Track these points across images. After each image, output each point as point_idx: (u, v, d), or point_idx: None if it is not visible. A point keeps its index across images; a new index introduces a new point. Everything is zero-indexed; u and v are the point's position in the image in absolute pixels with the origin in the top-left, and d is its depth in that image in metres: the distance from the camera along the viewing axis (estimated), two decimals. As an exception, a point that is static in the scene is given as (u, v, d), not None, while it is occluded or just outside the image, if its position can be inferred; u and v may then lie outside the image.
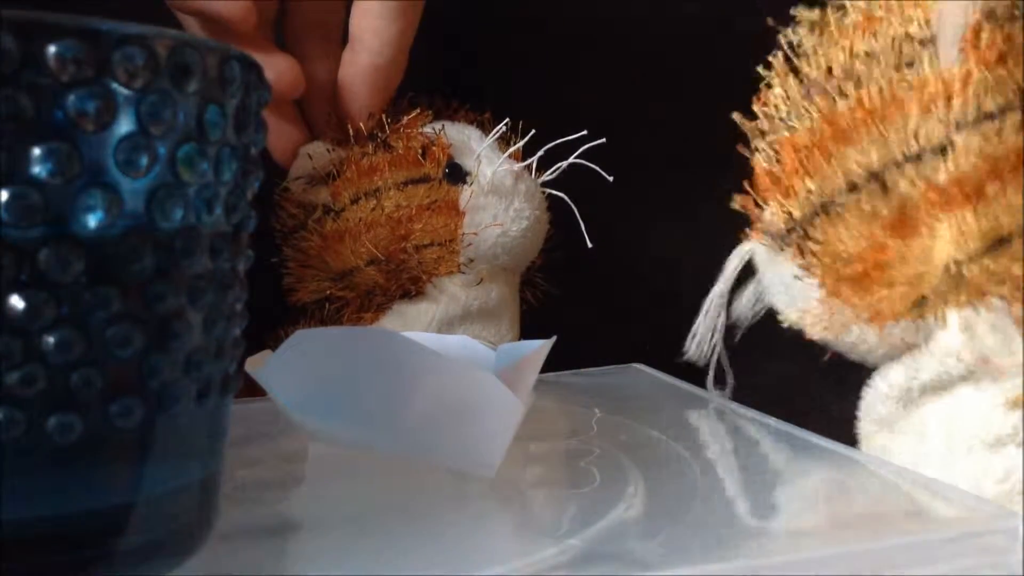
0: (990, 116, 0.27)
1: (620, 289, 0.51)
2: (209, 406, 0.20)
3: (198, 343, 0.20)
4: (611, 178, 0.40)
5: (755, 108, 0.32)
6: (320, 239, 0.41)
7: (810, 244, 0.30)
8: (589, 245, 0.40)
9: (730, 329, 0.34)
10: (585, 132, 0.40)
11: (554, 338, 0.29)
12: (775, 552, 0.23)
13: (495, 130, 0.42)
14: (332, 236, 0.41)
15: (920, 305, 0.29)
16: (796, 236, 0.30)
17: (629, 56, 0.51)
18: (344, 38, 0.43)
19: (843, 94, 0.29)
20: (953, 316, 0.29)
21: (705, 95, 0.35)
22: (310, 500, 0.28)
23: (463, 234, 0.41)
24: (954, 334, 0.29)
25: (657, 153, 0.49)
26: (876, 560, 0.22)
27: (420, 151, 0.41)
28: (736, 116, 0.32)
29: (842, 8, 0.30)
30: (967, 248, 0.27)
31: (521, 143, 0.42)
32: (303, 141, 0.43)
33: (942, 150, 0.27)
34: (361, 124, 0.42)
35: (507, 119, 0.42)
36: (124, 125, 0.18)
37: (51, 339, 0.17)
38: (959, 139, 0.27)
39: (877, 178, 0.28)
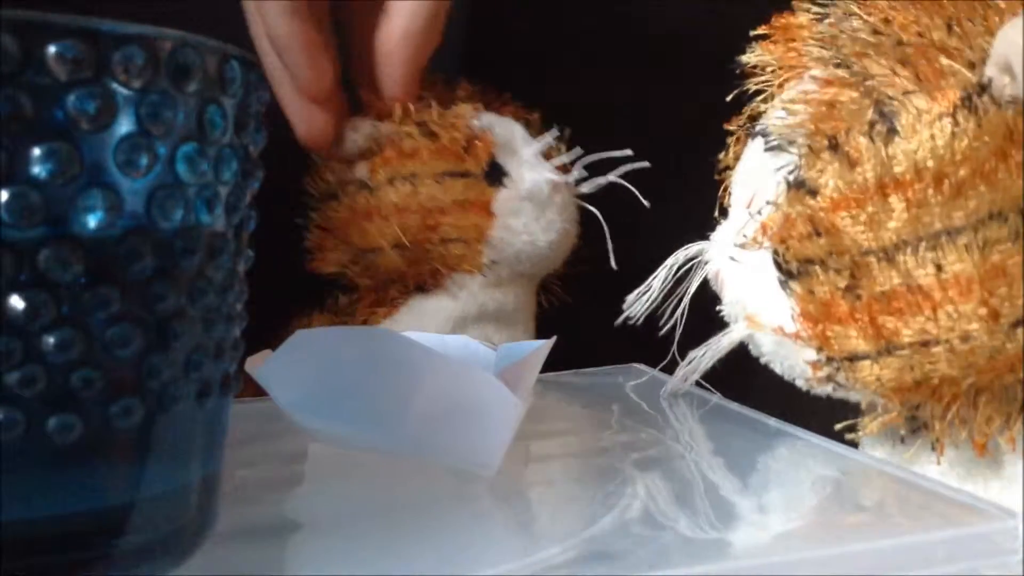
0: None
1: (621, 292, 0.51)
2: (209, 406, 0.20)
3: (198, 343, 0.20)
4: (648, 204, 0.39)
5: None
6: (349, 212, 0.41)
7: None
8: (614, 267, 0.40)
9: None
10: (630, 152, 0.40)
11: (554, 338, 0.29)
12: (774, 552, 0.23)
13: (544, 137, 0.41)
14: (361, 212, 0.40)
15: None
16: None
17: (661, 64, 0.51)
18: None
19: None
20: None
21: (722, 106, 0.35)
22: (310, 500, 0.28)
23: (491, 236, 0.40)
24: None
25: (663, 160, 0.49)
26: (876, 560, 0.22)
27: (464, 145, 0.40)
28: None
29: None
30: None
31: (567, 158, 0.41)
32: (339, 126, 0.42)
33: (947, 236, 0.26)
34: (411, 105, 0.41)
35: (555, 127, 0.41)
36: (124, 125, 0.18)
37: (51, 339, 0.17)
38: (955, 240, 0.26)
39: (886, 255, 0.27)
